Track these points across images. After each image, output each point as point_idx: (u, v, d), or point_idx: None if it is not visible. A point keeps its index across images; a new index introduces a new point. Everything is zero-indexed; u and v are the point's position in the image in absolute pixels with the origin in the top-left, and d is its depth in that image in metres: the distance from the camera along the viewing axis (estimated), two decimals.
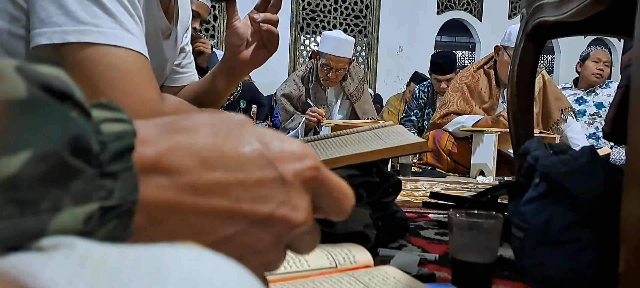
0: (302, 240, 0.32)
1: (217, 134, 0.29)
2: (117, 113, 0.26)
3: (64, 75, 0.24)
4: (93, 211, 0.23)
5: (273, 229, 0.29)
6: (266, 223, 0.29)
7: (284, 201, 0.29)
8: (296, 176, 0.29)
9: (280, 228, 0.29)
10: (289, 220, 0.29)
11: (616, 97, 1.33)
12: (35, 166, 0.21)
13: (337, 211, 0.33)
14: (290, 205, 0.29)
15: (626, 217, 0.57)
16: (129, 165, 0.25)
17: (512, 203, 0.86)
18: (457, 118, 2.70)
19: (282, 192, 0.29)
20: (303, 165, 0.30)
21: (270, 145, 0.29)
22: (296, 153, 0.30)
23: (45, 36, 0.69)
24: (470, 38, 9.37)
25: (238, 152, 0.29)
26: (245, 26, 0.98)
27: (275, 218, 0.29)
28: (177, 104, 0.84)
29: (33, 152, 0.21)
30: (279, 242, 0.30)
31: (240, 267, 0.22)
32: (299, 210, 0.29)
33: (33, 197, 0.21)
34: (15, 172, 0.21)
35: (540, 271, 0.77)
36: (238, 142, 0.29)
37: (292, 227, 0.29)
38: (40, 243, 0.21)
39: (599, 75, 3.31)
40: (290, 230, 0.30)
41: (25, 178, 0.21)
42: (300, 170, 0.30)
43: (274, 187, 0.29)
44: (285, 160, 0.29)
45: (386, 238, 0.99)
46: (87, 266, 0.19)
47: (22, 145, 0.21)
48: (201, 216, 0.28)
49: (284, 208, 0.29)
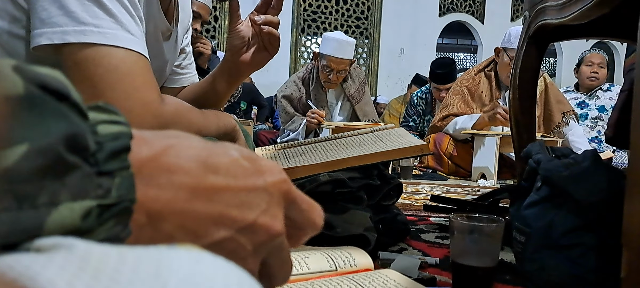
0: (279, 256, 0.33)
1: (206, 143, 0.30)
2: (113, 115, 0.26)
3: (61, 76, 0.24)
4: (91, 208, 0.23)
5: (255, 237, 0.30)
6: (250, 231, 0.30)
7: (266, 209, 0.30)
8: (275, 186, 0.31)
9: (261, 236, 0.30)
10: (270, 228, 0.30)
11: (619, 101, 1.33)
12: (32, 159, 0.21)
13: (309, 222, 0.34)
14: (270, 214, 0.30)
15: (629, 222, 0.57)
16: (125, 165, 0.25)
17: (513, 207, 0.85)
18: (456, 119, 2.70)
19: (264, 200, 0.30)
20: (278, 178, 0.32)
21: (251, 159, 0.31)
22: (271, 166, 0.32)
23: (45, 36, 0.69)
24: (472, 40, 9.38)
25: (230, 161, 0.30)
26: (247, 28, 0.98)
27: (257, 225, 0.30)
28: (177, 105, 0.84)
29: (29, 145, 0.21)
30: (258, 251, 0.31)
31: (240, 270, 0.22)
32: (277, 219, 0.31)
33: (30, 190, 0.21)
34: (11, 164, 0.21)
35: (541, 275, 0.76)
36: (225, 151, 0.30)
37: (271, 235, 0.30)
38: (39, 243, 0.21)
39: (594, 78, 3.30)
40: (270, 240, 0.31)
41: (22, 171, 0.21)
42: (278, 182, 0.31)
43: (259, 195, 0.30)
44: (265, 171, 0.31)
45: (387, 242, 0.98)
46: (87, 268, 0.19)
47: (19, 139, 0.21)
48: (196, 219, 0.28)
49: (265, 216, 0.30)
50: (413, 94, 3.80)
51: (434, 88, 3.53)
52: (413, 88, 4.81)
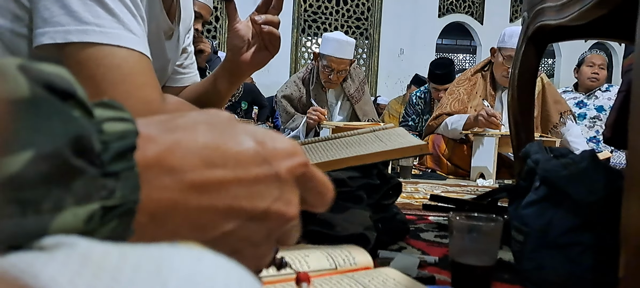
0: (288, 232, 0.33)
1: (214, 132, 0.30)
2: (119, 112, 0.26)
3: (67, 74, 0.24)
4: (94, 211, 0.23)
5: (268, 223, 0.30)
6: (262, 218, 0.30)
7: (278, 197, 0.30)
8: (289, 172, 0.31)
9: (274, 222, 0.30)
10: (284, 214, 0.30)
11: (617, 102, 1.33)
12: (37, 166, 0.21)
13: (321, 203, 0.35)
14: (284, 201, 0.30)
15: (626, 221, 0.57)
16: (130, 165, 0.25)
17: (512, 207, 0.86)
18: (447, 119, 2.70)
19: (276, 188, 0.30)
20: (294, 161, 0.31)
21: (264, 143, 0.31)
22: (287, 150, 0.31)
23: (48, 36, 0.69)
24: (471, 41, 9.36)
25: (236, 150, 0.29)
26: (247, 28, 0.98)
27: (270, 213, 0.30)
28: (178, 104, 0.84)
29: (35, 151, 0.21)
30: (271, 235, 0.31)
31: (241, 268, 0.22)
32: (291, 205, 0.31)
33: (35, 197, 0.21)
34: (17, 171, 0.21)
35: (540, 274, 0.77)
36: (234, 140, 0.30)
37: (285, 221, 0.31)
38: (41, 242, 0.21)
39: (594, 79, 3.30)
40: (284, 224, 0.31)
41: (28, 178, 0.21)
42: (292, 167, 0.31)
43: (270, 183, 0.30)
44: (278, 157, 0.31)
45: (386, 241, 0.99)
46: (88, 266, 0.19)
47: (25, 145, 0.21)
48: (203, 214, 0.28)
49: (278, 203, 0.30)
50: (412, 93, 3.80)
51: (433, 88, 3.53)
52: (412, 88, 4.81)
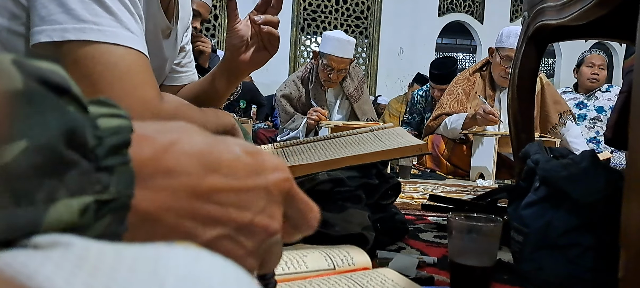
0: (272, 251, 0.32)
1: (208, 138, 0.30)
2: (114, 109, 0.26)
3: (61, 70, 0.24)
4: (89, 204, 0.23)
5: (253, 236, 0.30)
6: (247, 230, 0.29)
7: (263, 209, 0.30)
8: (276, 186, 0.31)
9: (258, 235, 0.30)
10: (267, 227, 0.30)
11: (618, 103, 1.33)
12: (30, 157, 0.21)
13: (304, 223, 0.34)
14: (267, 213, 0.30)
15: (626, 222, 0.57)
16: (125, 160, 0.25)
17: (511, 207, 0.86)
18: (447, 118, 2.71)
19: (263, 199, 0.30)
20: (281, 176, 0.31)
21: (254, 155, 0.31)
22: (275, 165, 0.31)
23: (45, 34, 0.69)
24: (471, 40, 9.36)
25: (230, 158, 0.29)
26: (246, 27, 0.98)
27: (255, 225, 0.30)
28: (176, 103, 0.84)
29: (28, 142, 0.21)
30: (256, 250, 0.30)
31: (238, 268, 0.22)
32: (275, 219, 0.31)
33: (28, 187, 0.21)
34: (10, 162, 0.21)
35: (539, 275, 0.77)
36: (228, 148, 0.30)
37: (269, 234, 0.30)
38: (36, 241, 0.20)
39: (594, 79, 3.30)
40: (267, 238, 0.30)
41: (21, 169, 0.21)
42: (279, 181, 0.31)
43: (258, 194, 0.30)
44: (267, 170, 0.31)
45: (385, 241, 0.98)
46: (84, 265, 0.19)
47: (18, 136, 0.21)
48: (193, 219, 0.28)
49: (262, 215, 0.30)
50: (414, 92, 3.81)
51: (432, 87, 3.54)
52: (415, 86, 4.81)
